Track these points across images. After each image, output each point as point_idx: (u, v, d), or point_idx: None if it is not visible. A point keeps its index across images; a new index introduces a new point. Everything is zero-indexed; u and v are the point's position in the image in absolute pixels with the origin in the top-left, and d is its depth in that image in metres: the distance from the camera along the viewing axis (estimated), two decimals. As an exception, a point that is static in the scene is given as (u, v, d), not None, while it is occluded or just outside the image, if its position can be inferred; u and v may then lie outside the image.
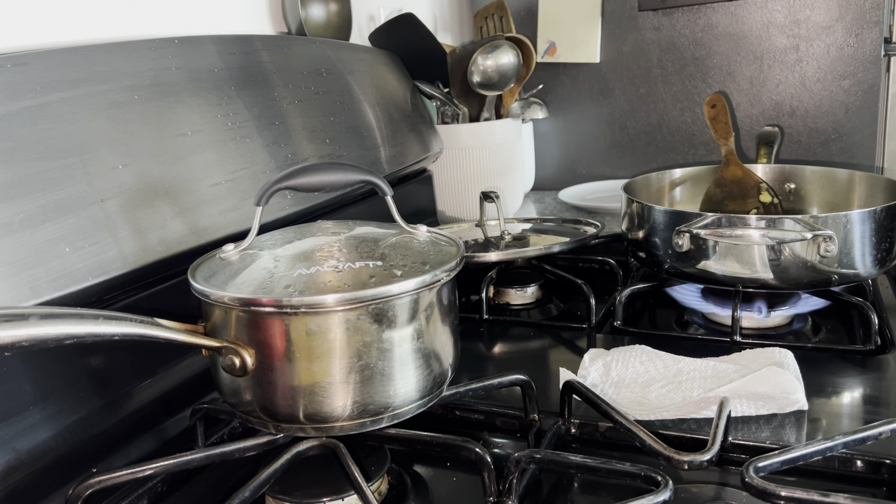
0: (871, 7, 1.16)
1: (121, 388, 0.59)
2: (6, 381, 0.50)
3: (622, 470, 0.48)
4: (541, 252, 0.85)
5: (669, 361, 0.66)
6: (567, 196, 1.27)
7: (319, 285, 0.48)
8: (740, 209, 0.96)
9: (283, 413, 0.49)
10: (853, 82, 1.20)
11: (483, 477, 0.49)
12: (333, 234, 0.57)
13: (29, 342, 0.38)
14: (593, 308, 0.80)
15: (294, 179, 0.53)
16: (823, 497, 0.43)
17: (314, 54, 0.90)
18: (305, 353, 0.47)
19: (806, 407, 0.58)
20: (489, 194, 0.92)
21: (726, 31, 1.25)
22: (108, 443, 0.57)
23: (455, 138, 1.18)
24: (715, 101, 0.99)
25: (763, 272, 0.72)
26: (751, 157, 1.25)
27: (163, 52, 0.67)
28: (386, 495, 0.53)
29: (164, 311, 0.49)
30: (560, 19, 1.36)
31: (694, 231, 0.73)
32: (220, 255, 0.54)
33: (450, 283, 0.52)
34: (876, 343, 0.70)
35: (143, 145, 0.62)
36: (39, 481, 0.51)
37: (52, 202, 0.54)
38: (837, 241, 0.69)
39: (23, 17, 0.67)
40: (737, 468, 0.52)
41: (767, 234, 0.70)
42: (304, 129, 0.82)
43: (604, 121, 1.39)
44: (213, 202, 0.67)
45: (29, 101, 0.54)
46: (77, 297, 0.53)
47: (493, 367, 0.73)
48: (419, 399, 0.51)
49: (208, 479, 0.56)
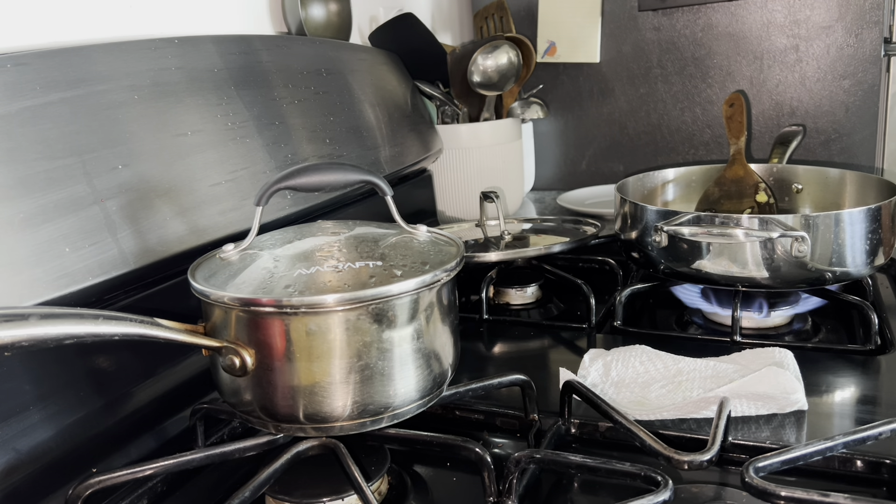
0: (871, 7, 1.16)
1: (121, 388, 0.59)
2: (6, 381, 0.50)
3: (622, 470, 0.48)
4: (541, 252, 0.85)
5: (669, 361, 0.66)
6: (566, 201, 1.27)
7: (319, 285, 0.48)
8: (735, 209, 0.96)
9: (283, 413, 0.49)
10: (853, 82, 1.20)
11: (483, 477, 0.49)
12: (333, 234, 0.57)
13: (29, 342, 0.38)
14: (593, 308, 0.80)
15: (294, 179, 0.53)
16: (823, 497, 0.43)
17: (314, 54, 0.90)
18: (305, 353, 0.47)
19: (806, 407, 0.58)
20: (489, 194, 0.92)
21: (726, 31, 1.25)
22: (108, 443, 0.57)
23: (455, 138, 1.18)
24: (733, 101, 0.99)
25: (757, 271, 0.72)
26: (757, 158, 1.26)
27: (162, 52, 0.67)
28: (386, 495, 0.53)
29: (164, 311, 0.49)
30: (560, 19, 1.36)
31: (667, 228, 0.73)
32: (220, 255, 0.54)
33: (450, 283, 0.52)
34: (876, 343, 0.70)
35: (143, 145, 0.62)
36: (39, 481, 0.51)
37: (52, 202, 0.54)
38: (810, 242, 0.69)
39: (23, 17, 0.67)
40: (737, 468, 0.52)
41: (739, 233, 0.70)
42: (304, 129, 0.82)
43: (604, 121, 1.39)
44: (213, 202, 0.67)
45: (29, 101, 0.54)
46: (77, 297, 0.53)
47: (493, 367, 0.73)
48: (419, 399, 0.51)
49: (208, 479, 0.56)
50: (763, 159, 1.16)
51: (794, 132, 1.13)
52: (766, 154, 1.25)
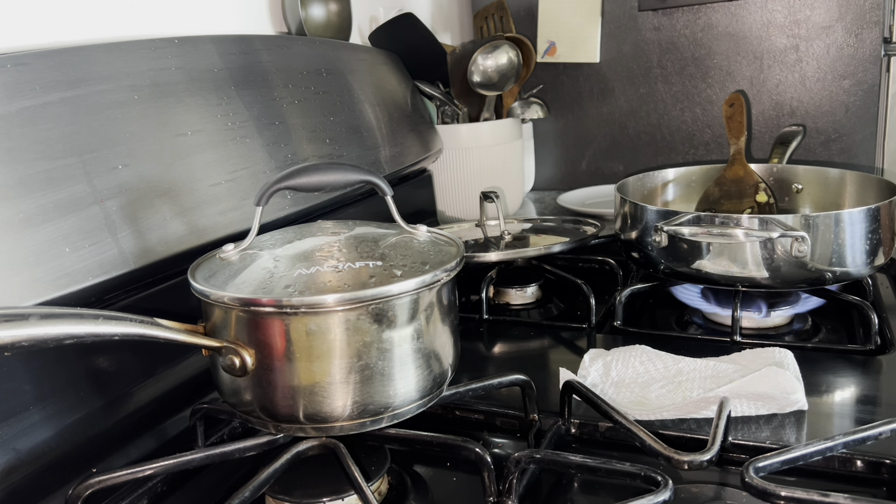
0: (871, 7, 1.16)
1: (121, 388, 0.59)
2: (6, 381, 0.50)
3: (622, 470, 0.48)
4: (541, 252, 0.85)
5: (669, 361, 0.66)
6: (565, 201, 1.27)
7: (319, 285, 0.48)
8: (735, 209, 0.96)
9: (283, 413, 0.49)
10: (853, 82, 1.20)
11: (483, 477, 0.49)
12: (333, 234, 0.57)
13: (29, 342, 0.38)
14: (593, 308, 0.80)
15: (294, 179, 0.53)
16: (823, 497, 0.43)
17: (314, 54, 0.90)
18: (305, 353, 0.47)
19: (806, 407, 0.58)
20: (489, 194, 0.92)
21: (726, 31, 1.25)
22: (108, 443, 0.57)
23: (455, 138, 1.18)
24: (733, 101, 0.99)
25: (757, 271, 0.72)
26: (757, 158, 1.26)
27: (162, 52, 0.67)
28: (386, 495, 0.53)
29: (164, 311, 0.49)
30: (560, 19, 1.36)
31: (667, 228, 0.73)
32: (220, 255, 0.54)
33: (450, 283, 0.52)
34: (876, 343, 0.70)
35: (143, 145, 0.62)
36: (39, 481, 0.51)
37: (52, 202, 0.54)
38: (810, 242, 0.69)
39: (23, 17, 0.67)
40: (737, 468, 0.52)
41: (739, 233, 0.70)
42: (304, 129, 0.82)
43: (604, 121, 1.39)
44: (213, 202, 0.67)
45: (29, 101, 0.54)
46: (77, 297, 0.53)
47: (493, 367, 0.73)
48: (419, 399, 0.51)
49: (208, 479, 0.56)
50: (763, 159, 1.16)
51: (794, 132, 1.13)
52: (766, 154, 1.25)
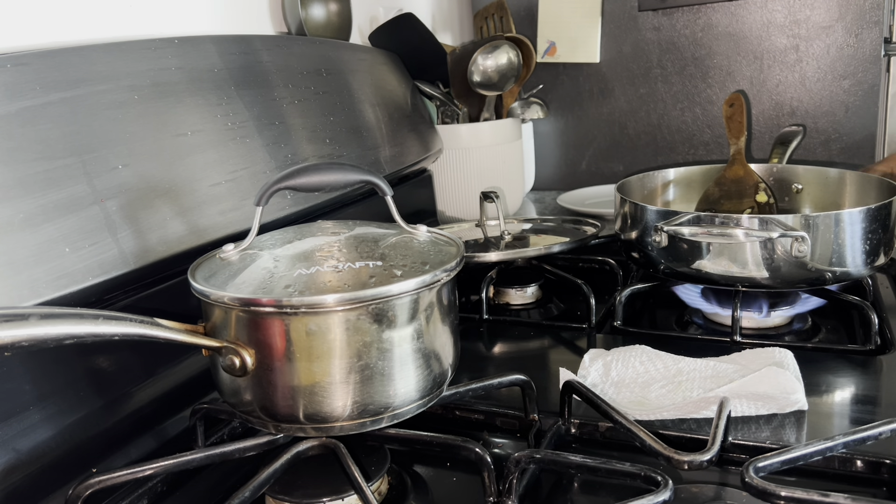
0: (871, 7, 1.16)
1: (121, 388, 0.59)
2: (6, 381, 0.50)
3: (622, 470, 0.48)
4: (541, 252, 0.85)
5: (669, 361, 0.66)
6: (566, 201, 1.27)
7: (319, 285, 0.48)
8: (735, 208, 0.96)
9: (283, 413, 0.49)
10: (853, 82, 1.20)
11: (483, 477, 0.49)
12: (333, 234, 0.57)
13: (29, 342, 0.38)
14: (593, 308, 0.80)
15: (294, 179, 0.53)
16: (823, 497, 0.43)
17: (314, 54, 0.90)
18: (305, 353, 0.47)
19: (806, 407, 0.58)
20: (489, 194, 0.92)
21: (726, 31, 1.25)
22: (108, 443, 0.57)
23: (455, 138, 1.18)
24: (733, 101, 0.99)
25: (757, 271, 0.72)
26: (757, 158, 1.26)
27: (162, 52, 0.67)
28: (386, 495, 0.53)
29: (164, 311, 0.49)
30: (560, 19, 1.36)
31: (667, 228, 0.73)
32: (220, 255, 0.54)
33: (450, 283, 0.52)
34: (876, 343, 0.70)
35: (143, 145, 0.62)
36: (39, 481, 0.51)
37: (52, 202, 0.54)
38: (810, 242, 0.69)
39: (23, 17, 0.67)
40: (737, 468, 0.52)
41: (739, 233, 0.70)
42: (304, 129, 0.82)
43: (604, 121, 1.39)
44: (213, 202, 0.67)
45: (29, 101, 0.54)
46: (77, 297, 0.53)
47: (493, 367, 0.73)
48: (419, 399, 0.51)
49: (208, 479, 0.56)
50: (763, 159, 1.16)
51: (794, 132, 1.13)
52: (766, 154, 1.25)
